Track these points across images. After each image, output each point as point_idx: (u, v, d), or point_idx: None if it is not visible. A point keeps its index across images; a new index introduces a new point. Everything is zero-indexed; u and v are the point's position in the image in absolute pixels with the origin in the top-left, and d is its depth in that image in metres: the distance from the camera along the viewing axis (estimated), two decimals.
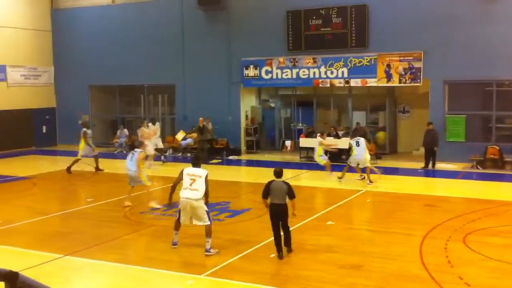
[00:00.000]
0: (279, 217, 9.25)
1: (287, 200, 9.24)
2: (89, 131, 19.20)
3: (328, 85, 21.47)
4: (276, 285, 7.99)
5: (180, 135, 21.90)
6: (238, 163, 21.28)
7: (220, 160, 21.36)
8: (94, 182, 17.34)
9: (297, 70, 21.66)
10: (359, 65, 20.55)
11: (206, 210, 9.64)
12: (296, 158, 21.22)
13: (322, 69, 21.23)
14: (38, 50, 26.25)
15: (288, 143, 22.83)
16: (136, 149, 13.57)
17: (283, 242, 9.34)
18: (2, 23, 24.47)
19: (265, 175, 17.75)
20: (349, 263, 8.93)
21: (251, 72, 22.50)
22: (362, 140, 16.12)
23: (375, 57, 20.22)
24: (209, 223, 9.61)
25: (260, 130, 23.93)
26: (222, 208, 13.15)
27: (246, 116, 23.61)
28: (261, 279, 8.30)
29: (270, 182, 9.38)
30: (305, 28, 21.44)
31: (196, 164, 9.98)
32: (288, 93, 24.01)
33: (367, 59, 20.38)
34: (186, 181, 9.66)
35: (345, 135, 20.67)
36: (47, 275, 8.40)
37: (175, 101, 24.71)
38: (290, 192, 9.24)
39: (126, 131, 24.52)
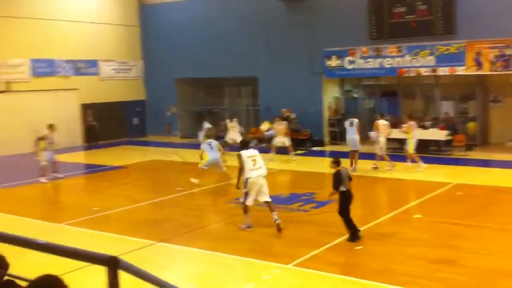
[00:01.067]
0: (349, 202, 9.69)
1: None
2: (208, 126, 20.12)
3: (414, 74, 20.84)
4: (363, 278, 7.92)
5: (264, 126, 22.08)
6: (322, 154, 21.20)
7: (304, 151, 21.37)
8: (183, 172, 17.84)
9: (381, 59, 21.19)
10: (446, 53, 19.78)
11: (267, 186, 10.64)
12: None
13: (407, 58, 20.64)
14: (127, 45, 27.37)
15: (372, 134, 22.40)
16: (212, 140, 15.43)
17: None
18: (94, 19, 25.72)
19: (348, 166, 17.67)
20: (440, 257, 8.70)
21: (333, 62, 22.28)
22: (355, 121, 16.96)
23: (464, 44, 19.35)
24: (270, 199, 10.68)
25: (343, 121, 23.62)
26: (308, 199, 13.19)
27: (329, 107, 23.44)
28: (348, 271, 8.28)
29: (339, 171, 9.73)
30: (389, 16, 20.92)
31: (247, 147, 11.10)
32: (371, 83, 23.56)
33: (455, 46, 19.56)
34: (249, 163, 10.54)
35: (433, 126, 20.03)
36: (142, 260, 8.77)
37: (258, 93, 24.95)
38: (350, 176, 9.87)
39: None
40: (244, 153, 10.74)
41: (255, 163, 10.56)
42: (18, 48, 22.54)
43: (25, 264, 7.93)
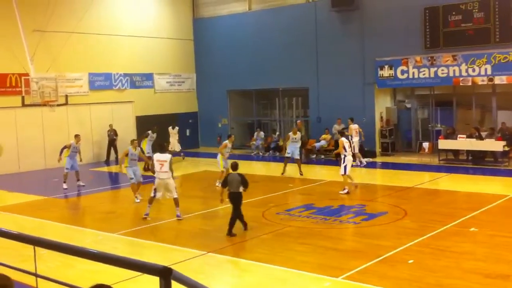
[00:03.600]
0: (235, 202, 11.25)
1: (241, 189, 11.26)
2: (153, 135, 20.94)
3: (470, 84, 20.32)
4: None
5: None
6: (373, 165, 20.92)
7: (354, 162, 21.11)
8: None
9: (435, 68, 20.79)
10: (504, 61, 19.21)
11: (174, 186, 12.73)
12: (434, 160, 20.37)
13: (463, 66, 20.16)
14: (181, 58, 27.95)
15: (425, 144, 21.98)
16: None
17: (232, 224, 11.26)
18: (150, 33, 26.42)
19: (401, 178, 17.41)
20: (496, 272, 8.43)
21: (385, 72, 22.02)
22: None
23: None
24: (176, 196, 12.69)
25: (395, 132, 23.33)
26: (358, 211, 13.04)
27: (381, 117, 23.16)
28: (401, 285, 8.11)
29: (228, 174, 11.57)
30: (444, 24, 20.53)
31: (162, 151, 12.98)
32: (425, 93, 23.12)
33: None
34: (157, 166, 12.55)
35: (489, 136, 19.45)
36: (193, 270, 8.91)
37: (309, 104, 24.93)
38: (244, 182, 11.25)
39: (262, 133, 25.23)
40: (156, 156, 12.77)
41: (162, 167, 12.42)
42: (77, 62, 23.42)
43: (79, 273, 8.24)
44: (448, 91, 22.27)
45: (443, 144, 20.06)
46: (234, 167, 11.53)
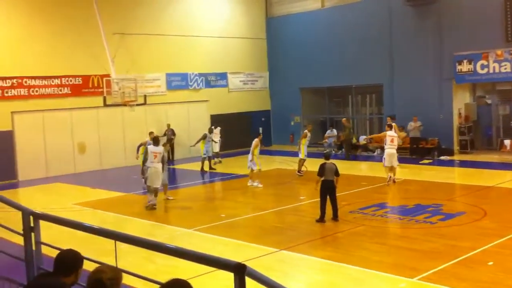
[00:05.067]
0: (329, 191, 11.89)
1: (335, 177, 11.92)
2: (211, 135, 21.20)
3: None
4: None
5: None
6: (450, 163, 20.25)
7: (430, 161, 20.58)
8: (305, 181, 17.96)
9: None
10: None
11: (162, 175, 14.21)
12: None
13: None
14: (254, 57, 28.22)
15: (507, 142, 21.02)
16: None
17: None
18: (224, 33, 26.87)
19: (481, 177, 16.78)
20: None
21: (464, 67, 21.23)
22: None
23: None
24: (166, 182, 14.98)
25: (475, 129, 22.45)
26: (435, 210, 12.70)
27: (459, 113, 22.36)
28: None
29: (324, 164, 12.00)
30: None
31: (156, 144, 14.25)
32: (507, 88, 22.08)
33: None
34: (151, 156, 13.99)
35: None
36: (266, 267, 8.99)
37: (383, 101, 24.46)
38: (337, 171, 11.98)
39: (335, 131, 25.02)
40: (151, 148, 14.15)
41: (155, 158, 13.85)
42: (154, 63, 24.21)
43: (157, 268, 8.56)
44: None
45: None
46: (328, 156, 12.50)
